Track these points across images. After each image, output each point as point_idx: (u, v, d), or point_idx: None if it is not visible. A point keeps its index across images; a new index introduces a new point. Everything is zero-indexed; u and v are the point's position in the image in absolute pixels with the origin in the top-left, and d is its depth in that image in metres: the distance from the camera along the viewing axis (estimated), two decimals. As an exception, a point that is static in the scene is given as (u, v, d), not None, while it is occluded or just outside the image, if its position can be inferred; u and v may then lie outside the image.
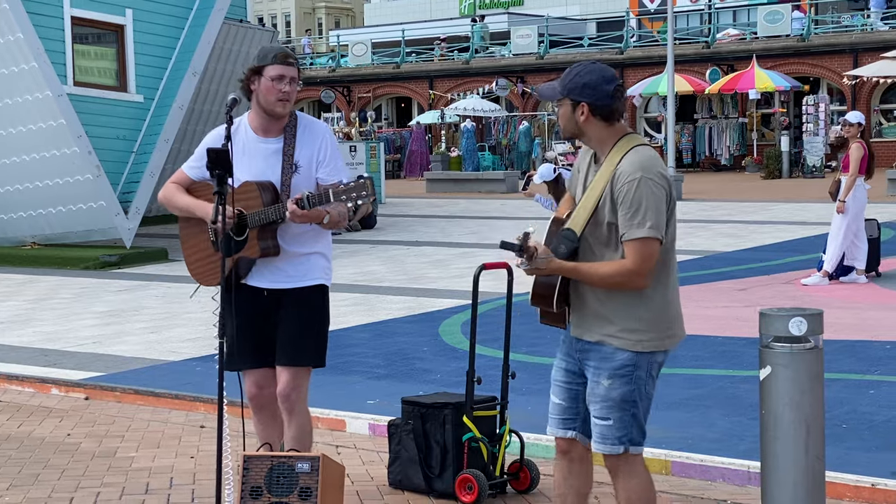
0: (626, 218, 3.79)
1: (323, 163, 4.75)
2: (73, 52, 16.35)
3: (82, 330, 10.25)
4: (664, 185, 3.84)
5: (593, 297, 3.90)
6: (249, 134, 4.80)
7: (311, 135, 4.78)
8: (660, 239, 3.80)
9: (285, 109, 4.71)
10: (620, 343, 3.87)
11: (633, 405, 3.90)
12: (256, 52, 4.78)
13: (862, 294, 10.95)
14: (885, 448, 5.83)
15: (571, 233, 3.90)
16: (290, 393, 4.77)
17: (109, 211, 15.53)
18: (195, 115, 19.76)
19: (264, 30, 22.93)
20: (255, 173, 4.73)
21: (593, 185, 3.90)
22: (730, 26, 39.55)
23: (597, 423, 3.94)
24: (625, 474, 3.96)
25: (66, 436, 6.83)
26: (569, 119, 3.95)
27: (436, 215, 21.27)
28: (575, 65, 3.98)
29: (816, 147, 28.88)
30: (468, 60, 39.02)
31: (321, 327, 4.85)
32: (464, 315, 10.05)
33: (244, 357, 4.81)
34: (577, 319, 3.97)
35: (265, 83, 4.67)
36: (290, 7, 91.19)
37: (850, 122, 11.59)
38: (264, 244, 4.69)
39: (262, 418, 4.95)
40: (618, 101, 3.92)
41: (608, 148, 3.92)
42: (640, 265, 3.78)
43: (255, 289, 4.78)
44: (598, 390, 3.91)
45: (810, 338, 3.83)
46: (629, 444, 3.92)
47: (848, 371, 7.57)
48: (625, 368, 3.87)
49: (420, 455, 5.42)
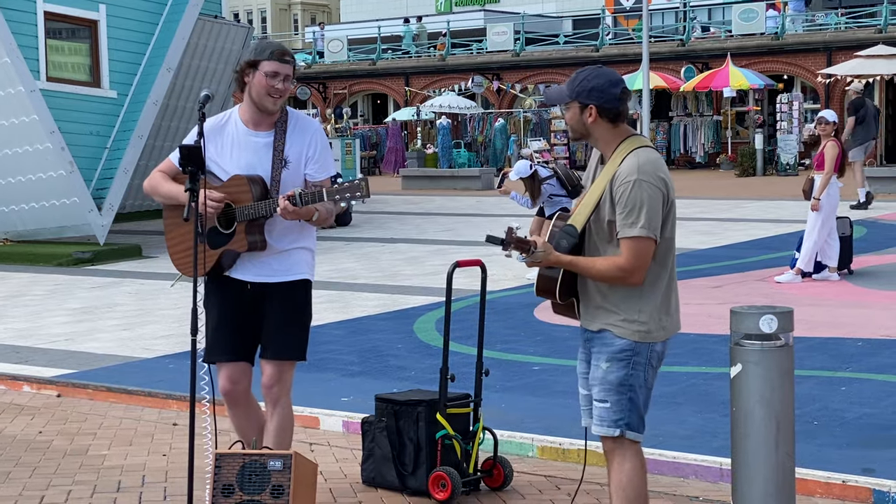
0: (621, 217, 3.98)
1: (312, 159, 4.77)
2: (46, 48, 16.24)
3: (55, 327, 10.18)
4: (661, 187, 4.00)
5: (596, 290, 4.10)
6: (240, 126, 4.79)
7: (302, 131, 4.79)
8: (653, 238, 3.98)
9: (276, 106, 4.71)
10: (620, 331, 4.06)
11: (630, 389, 4.06)
12: (253, 46, 4.78)
13: (834, 291, 11.02)
14: (856, 445, 5.86)
15: (573, 228, 4.08)
16: (273, 385, 4.80)
17: (83, 207, 15.44)
18: (169, 110, 19.67)
19: (239, 26, 22.84)
20: (245, 166, 4.73)
21: (596, 184, 4.09)
22: (705, 24, 39.75)
23: (596, 406, 4.14)
24: (619, 458, 4.12)
25: (38, 433, 6.78)
26: (577, 121, 4.11)
27: (411, 212, 21.26)
28: (582, 69, 4.14)
29: (790, 145, 29.03)
30: (444, 57, 39.00)
31: (304, 322, 4.87)
32: (438, 312, 10.05)
33: (222, 349, 4.81)
34: (584, 311, 4.17)
35: (259, 77, 4.66)
36: (266, 3, 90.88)
37: (827, 120, 11.65)
38: (252, 238, 4.70)
39: (237, 413, 4.96)
40: (624, 104, 4.08)
41: (612, 149, 4.09)
42: (632, 263, 3.97)
43: (239, 281, 4.79)
44: (597, 373, 4.11)
45: (781, 335, 3.86)
46: (626, 429, 4.08)
47: (820, 368, 7.62)
48: (623, 353, 4.05)
49: (393, 452, 5.42)
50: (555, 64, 36.87)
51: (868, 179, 22.42)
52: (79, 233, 15.87)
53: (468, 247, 15.34)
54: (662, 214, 4.00)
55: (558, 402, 6.90)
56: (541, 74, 37.36)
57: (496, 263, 13.24)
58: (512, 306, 10.50)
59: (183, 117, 20.28)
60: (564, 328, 9.38)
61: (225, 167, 4.75)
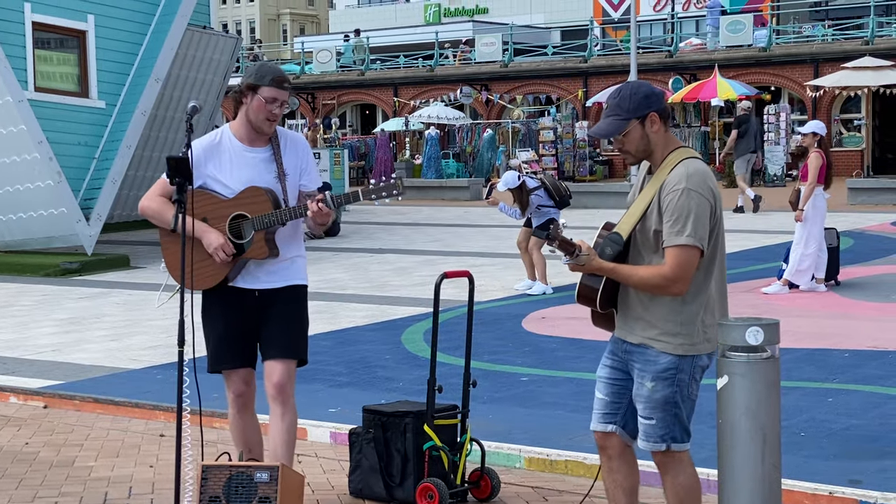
0: (668, 226, 3.98)
1: (305, 171, 5.03)
2: (34, 58, 16.20)
3: (42, 338, 10.15)
4: (709, 198, 4.01)
5: (637, 300, 4.10)
6: (235, 143, 4.96)
7: (294, 146, 5.05)
8: (699, 248, 3.97)
9: (271, 129, 4.94)
10: (662, 346, 4.06)
11: (675, 406, 4.10)
12: (254, 69, 4.95)
13: (822, 303, 11.05)
14: (842, 456, 5.88)
15: (618, 236, 4.09)
16: (285, 384, 4.91)
17: (70, 218, 15.40)
18: (157, 121, 19.65)
19: (228, 36, 22.82)
20: (245, 181, 4.90)
21: (643, 193, 4.10)
22: (692, 35, 39.89)
23: (641, 422, 4.16)
24: (673, 471, 4.19)
25: (24, 444, 6.76)
26: (640, 138, 4.10)
27: (399, 223, 21.26)
28: (616, 90, 4.13)
29: (777, 156, 29.14)
30: (433, 68, 39.06)
31: (306, 325, 5.07)
32: (426, 323, 10.04)
33: (230, 357, 4.96)
34: (622, 321, 4.17)
35: (258, 102, 4.85)
36: (255, 13, 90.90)
37: (811, 131, 11.69)
38: (270, 246, 4.90)
39: (245, 419, 5.05)
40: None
41: (662, 158, 4.10)
42: (676, 272, 3.96)
43: (243, 290, 4.94)
44: (642, 391, 4.12)
45: (767, 347, 3.86)
46: (671, 442, 4.14)
47: (807, 379, 7.64)
48: (667, 371, 4.06)
49: (381, 463, 5.42)
50: (543, 75, 36.96)
51: (854, 191, 22.59)
52: (66, 243, 15.83)
53: (456, 257, 15.35)
54: (710, 226, 4.00)
55: (546, 413, 6.90)
56: (529, 85, 37.44)
57: (485, 274, 13.30)
58: (500, 317, 10.51)
59: (171, 128, 20.25)
60: (552, 339, 9.39)
61: (227, 183, 4.91)
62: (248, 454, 4.99)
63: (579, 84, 36.00)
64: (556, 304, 11.16)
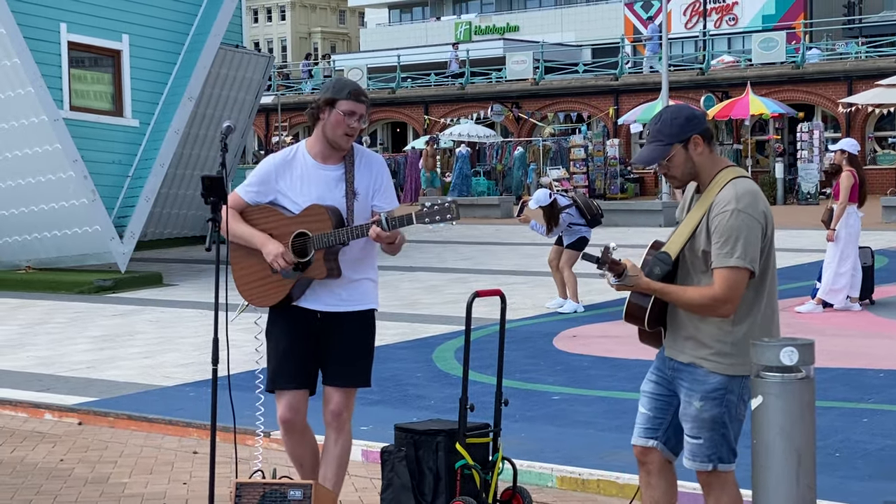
0: (717, 247, 3.96)
1: (379, 191, 4.94)
2: (69, 77, 16.38)
3: (76, 355, 10.23)
4: (760, 219, 3.99)
5: (688, 320, 4.08)
6: (308, 160, 4.91)
7: (368, 165, 4.96)
8: (749, 270, 3.95)
9: (348, 144, 4.88)
10: (713, 366, 4.04)
11: (724, 426, 4.08)
12: (330, 83, 4.91)
13: (856, 322, 10.96)
14: (878, 477, 5.82)
15: (667, 256, 4.08)
16: (342, 412, 4.91)
17: (104, 235, 15.53)
18: (190, 139, 19.80)
19: (260, 55, 22.98)
20: (316, 198, 4.85)
21: (692, 213, 4.08)
22: (724, 53, 39.78)
23: (688, 441, 4.14)
24: (717, 491, 4.17)
25: (59, 461, 6.81)
26: (685, 161, 4.08)
27: (430, 240, 21.28)
28: (657, 115, 4.12)
29: (811, 174, 28.97)
30: (464, 86, 39.16)
31: (370, 349, 5.02)
32: (457, 341, 10.04)
33: (288, 377, 4.91)
34: (672, 340, 4.15)
35: (336, 116, 4.80)
36: (287, 32, 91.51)
37: (842, 149, 11.62)
38: (329, 266, 4.83)
39: (293, 440, 5.05)
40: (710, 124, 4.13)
41: (710, 178, 4.08)
42: (725, 293, 3.94)
43: (307, 311, 4.90)
44: (689, 410, 4.10)
45: (802, 367, 3.84)
46: (717, 462, 4.12)
47: (842, 399, 7.57)
48: (717, 392, 4.05)
49: (413, 482, 5.41)
50: (574, 92, 36.95)
51: (889, 209, 22.41)
52: (100, 260, 15.95)
53: (488, 275, 15.34)
54: (761, 247, 3.98)
55: (578, 432, 6.88)
56: (560, 103, 37.44)
57: (516, 293, 13.28)
58: (532, 335, 10.49)
59: (204, 145, 20.40)
60: (584, 357, 9.37)
61: (296, 200, 4.87)
62: (301, 469, 5.04)
63: (610, 101, 35.96)
64: (588, 323, 11.13)
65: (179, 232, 21.00)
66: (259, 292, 4.91)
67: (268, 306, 4.94)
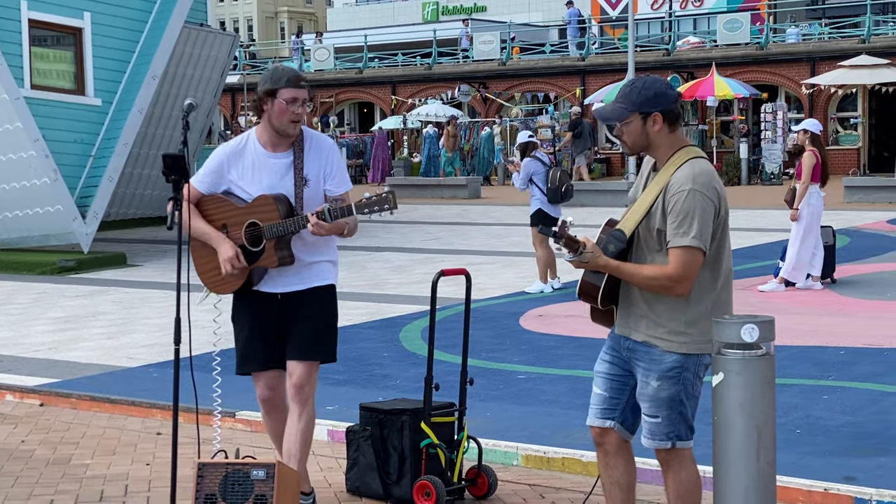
0: (673, 226, 3.99)
1: (330, 175, 4.98)
2: (30, 55, 16.18)
3: (38, 336, 10.15)
4: (714, 198, 4.03)
5: (641, 298, 4.10)
6: (258, 149, 4.96)
7: (318, 149, 5.00)
8: (703, 250, 3.99)
9: (296, 130, 4.92)
10: (668, 345, 4.08)
11: (681, 404, 4.13)
12: (268, 74, 4.94)
13: (817, 300, 11.07)
14: (837, 453, 5.89)
15: (621, 233, 4.09)
16: (304, 384, 4.96)
17: (67, 215, 15.39)
18: (154, 118, 19.63)
19: (225, 34, 22.81)
20: (266, 187, 4.90)
21: (647, 192, 4.10)
22: (690, 34, 39.88)
23: (647, 420, 4.18)
24: (675, 468, 4.21)
25: (21, 443, 6.76)
26: (639, 133, 4.11)
27: (397, 221, 21.25)
28: (631, 81, 4.17)
29: (775, 154, 29.15)
30: (431, 66, 39.05)
31: (332, 323, 5.07)
32: (424, 321, 10.05)
33: (257, 359, 5.02)
34: (624, 319, 4.17)
35: (279, 105, 4.85)
36: (252, 11, 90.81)
37: (805, 129, 11.69)
38: (280, 254, 4.89)
39: (275, 419, 5.14)
40: (679, 106, 4.13)
41: (667, 157, 4.10)
42: (680, 272, 3.98)
43: (268, 294, 4.97)
44: (647, 390, 4.13)
45: (762, 344, 3.87)
46: (676, 440, 4.16)
47: (802, 376, 7.65)
48: (673, 370, 4.08)
49: (378, 461, 5.42)
50: (541, 73, 36.95)
51: (850, 189, 22.61)
52: (63, 241, 15.81)
53: (455, 255, 15.35)
54: (713, 227, 4.02)
55: (543, 411, 6.91)
56: (527, 83, 37.43)
57: (481, 272, 13.29)
58: (497, 315, 10.51)
59: (168, 125, 20.23)
60: (550, 337, 9.40)
61: (248, 189, 4.93)
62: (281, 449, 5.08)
63: (577, 82, 35.99)
64: (554, 302, 11.16)
65: (144, 212, 20.84)
66: (219, 279, 4.97)
67: (229, 293, 5.02)
